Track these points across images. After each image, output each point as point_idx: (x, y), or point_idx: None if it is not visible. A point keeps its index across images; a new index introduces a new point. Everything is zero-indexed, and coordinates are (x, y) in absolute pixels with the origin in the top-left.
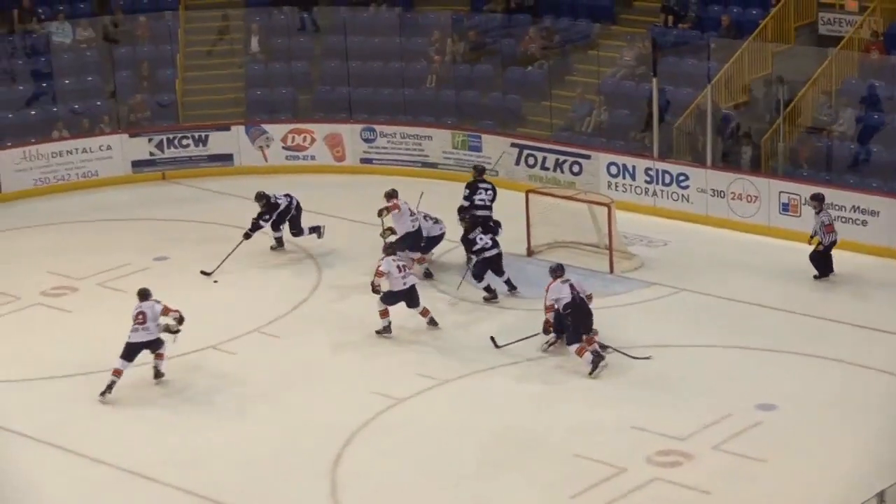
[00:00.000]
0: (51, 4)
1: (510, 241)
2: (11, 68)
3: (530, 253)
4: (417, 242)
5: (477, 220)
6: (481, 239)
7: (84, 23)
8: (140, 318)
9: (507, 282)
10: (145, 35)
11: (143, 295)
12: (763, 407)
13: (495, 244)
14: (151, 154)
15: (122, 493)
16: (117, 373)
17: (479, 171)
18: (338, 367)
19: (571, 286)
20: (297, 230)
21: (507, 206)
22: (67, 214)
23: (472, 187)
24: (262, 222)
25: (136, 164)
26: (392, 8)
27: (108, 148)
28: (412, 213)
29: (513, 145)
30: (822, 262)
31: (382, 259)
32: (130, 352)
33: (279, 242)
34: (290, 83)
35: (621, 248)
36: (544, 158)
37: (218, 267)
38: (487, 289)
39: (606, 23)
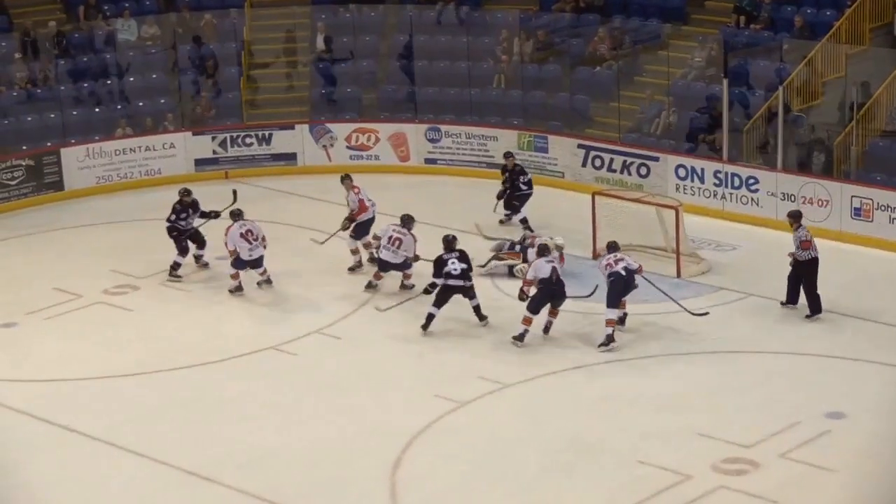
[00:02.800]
0: (116, 2)
1: (575, 243)
2: (76, 66)
3: (596, 256)
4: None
5: (452, 242)
6: (453, 263)
7: (150, 20)
8: (396, 244)
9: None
10: (211, 33)
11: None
12: (832, 415)
13: (464, 276)
14: (215, 152)
15: (181, 493)
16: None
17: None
18: (399, 369)
19: (553, 268)
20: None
21: (572, 209)
22: (130, 213)
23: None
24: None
25: (199, 163)
26: (459, 6)
27: (172, 146)
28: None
29: (580, 146)
30: (795, 285)
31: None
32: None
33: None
34: (355, 82)
35: (689, 252)
36: (611, 160)
37: (329, 238)
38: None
39: (677, 23)
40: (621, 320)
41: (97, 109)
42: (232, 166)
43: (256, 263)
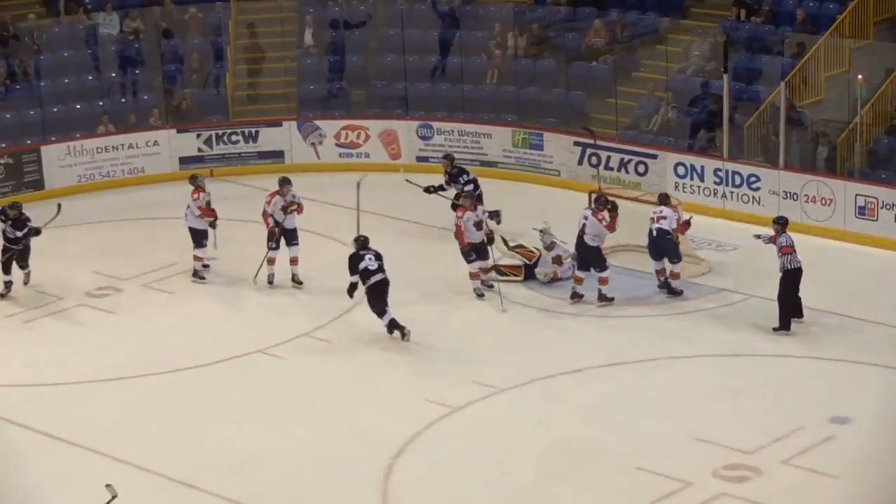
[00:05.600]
0: None
1: (573, 242)
2: (56, 61)
3: None
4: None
5: (366, 241)
6: (369, 259)
7: (133, 13)
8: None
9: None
10: (195, 27)
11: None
12: (836, 420)
13: (381, 269)
14: (200, 150)
15: (166, 500)
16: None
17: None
18: (390, 373)
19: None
20: None
21: (569, 207)
22: (112, 212)
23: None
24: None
25: (184, 161)
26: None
27: (156, 144)
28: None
29: (576, 144)
30: (788, 303)
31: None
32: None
33: None
34: (345, 77)
35: (689, 253)
36: (608, 158)
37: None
38: (391, 324)
39: (676, 17)
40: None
41: (78, 106)
42: (217, 164)
43: None
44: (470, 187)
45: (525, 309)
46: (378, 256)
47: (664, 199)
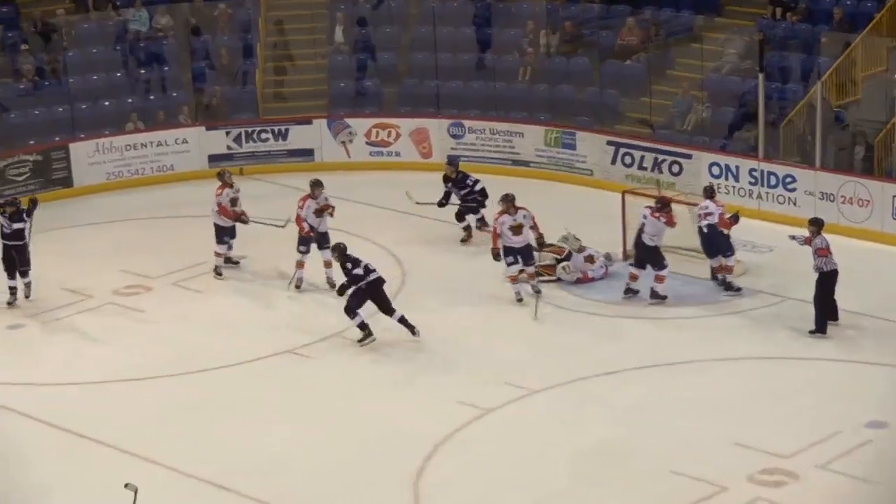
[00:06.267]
0: None
1: (605, 243)
2: (85, 57)
3: (627, 257)
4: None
5: (346, 253)
6: (356, 264)
7: (162, 10)
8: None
9: (403, 320)
10: (225, 24)
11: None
12: (873, 425)
13: (372, 270)
14: (229, 148)
15: (195, 501)
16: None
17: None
18: (422, 374)
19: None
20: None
21: (601, 207)
22: (141, 210)
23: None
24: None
25: (213, 159)
26: None
27: (185, 141)
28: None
29: (609, 143)
30: (824, 305)
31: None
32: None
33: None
34: (376, 75)
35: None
36: (642, 157)
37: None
38: (362, 325)
39: (711, 14)
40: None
41: (107, 103)
42: (247, 162)
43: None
44: (479, 186)
45: (559, 310)
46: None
47: (710, 193)
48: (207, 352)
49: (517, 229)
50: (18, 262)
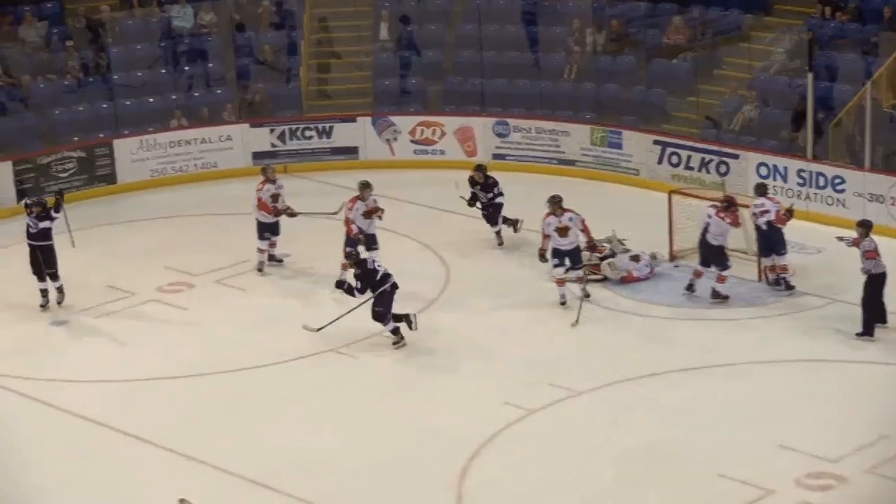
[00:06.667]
0: None
1: (652, 243)
2: (129, 54)
3: (673, 257)
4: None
5: (360, 258)
6: (380, 266)
7: (206, 6)
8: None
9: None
10: (269, 20)
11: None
12: None
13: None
14: (273, 145)
15: (238, 500)
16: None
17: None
18: (466, 375)
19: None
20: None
21: (647, 208)
22: (185, 207)
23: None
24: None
25: (257, 156)
26: None
27: (229, 138)
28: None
29: (655, 143)
30: (872, 308)
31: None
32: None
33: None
34: (420, 73)
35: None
36: (689, 157)
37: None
38: (394, 330)
39: (759, 13)
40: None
41: (151, 100)
42: (291, 160)
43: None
44: (501, 199)
45: (604, 311)
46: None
47: (762, 191)
48: (249, 350)
49: (563, 231)
50: (45, 264)
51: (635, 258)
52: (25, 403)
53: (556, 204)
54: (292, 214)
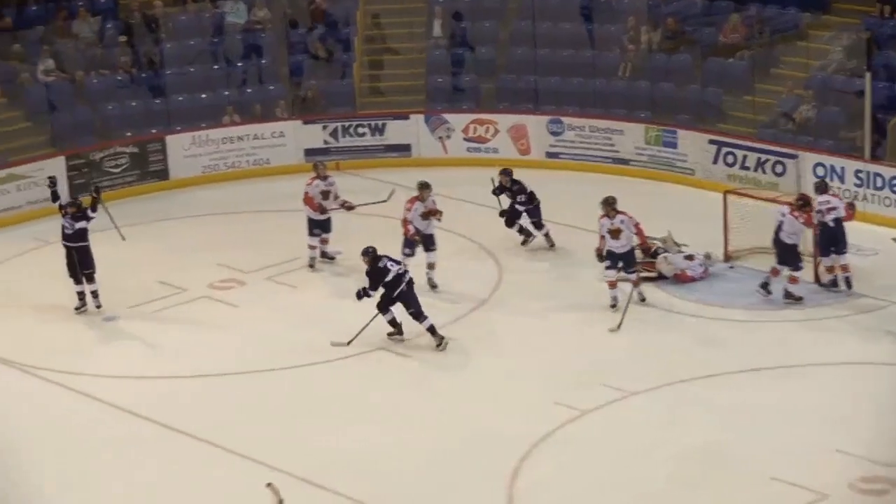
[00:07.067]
0: None
1: (706, 243)
2: (182, 49)
3: (728, 258)
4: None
5: (376, 255)
6: (393, 265)
7: (259, 2)
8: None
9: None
10: (322, 17)
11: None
12: None
13: (406, 270)
14: (325, 142)
15: (289, 498)
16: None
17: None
18: (518, 374)
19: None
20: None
21: (703, 208)
22: (237, 204)
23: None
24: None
25: (310, 153)
26: None
27: (281, 135)
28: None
29: (711, 142)
30: None
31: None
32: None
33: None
34: (474, 70)
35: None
36: (745, 157)
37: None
38: (392, 322)
39: (817, 12)
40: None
41: (203, 95)
42: (343, 157)
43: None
44: (521, 208)
45: (657, 311)
46: (395, 260)
47: (825, 188)
48: (300, 347)
49: (615, 233)
50: (81, 265)
51: (689, 258)
52: (75, 398)
53: (609, 205)
54: (350, 207)
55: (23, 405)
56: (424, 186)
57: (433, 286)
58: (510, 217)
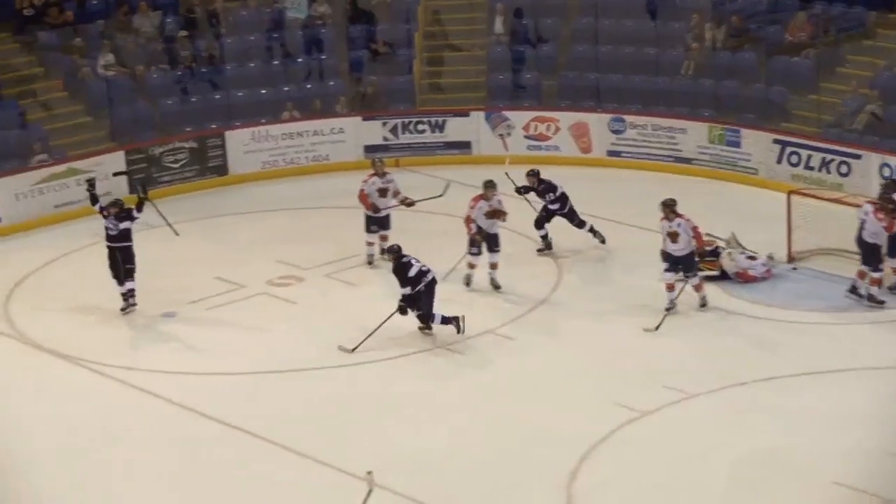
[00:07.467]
0: None
1: (769, 244)
2: (242, 44)
3: (791, 259)
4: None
5: (400, 253)
6: (416, 262)
7: None
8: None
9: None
10: (384, 12)
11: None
12: None
13: (427, 270)
14: (385, 139)
15: (347, 497)
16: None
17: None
18: (577, 374)
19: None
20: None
21: (766, 207)
22: (296, 200)
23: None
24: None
25: (369, 149)
26: None
27: (341, 131)
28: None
29: (775, 142)
30: None
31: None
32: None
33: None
34: (535, 67)
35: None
36: (809, 157)
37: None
38: (444, 320)
39: (884, 10)
40: None
41: (263, 91)
42: (402, 154)
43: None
44: (556, 206)
45: (720, 313)
46: (417, 259)
47: (894, 188)
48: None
49: (673, 236)
50: (123, 260)
51: (752, 258)
52: (131, 394)
53: (667, 208)
54: (410, 204)
55: (81, 402)
56: (489, 185)
57: (496, 287)
58: (540, 219)
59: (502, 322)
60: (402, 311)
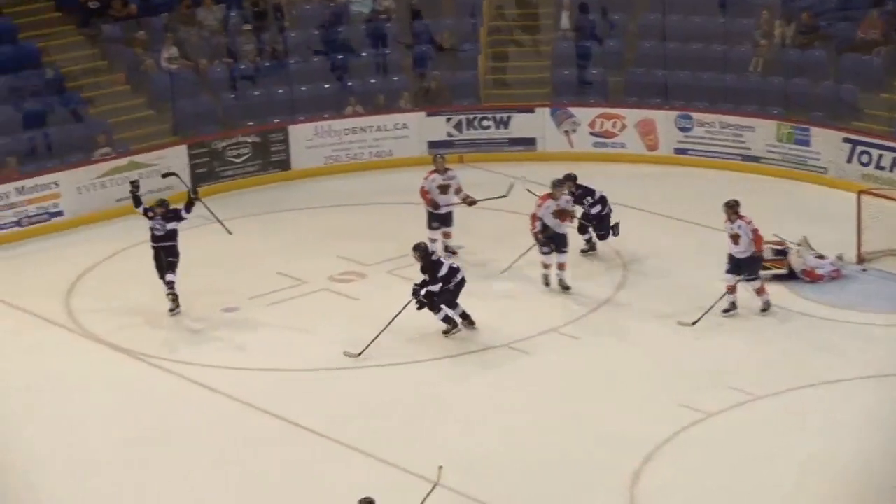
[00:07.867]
0: None
1: (838, 244)
2: (307, 40)
3: (860, 260)
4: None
5: (427, 250)
6: (445, 260)
7: None
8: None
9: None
10: (448, 7)
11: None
12: None
13: (459, 268)
14: (449, 135)
15: (406, 495)
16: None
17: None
18: (640, 375)
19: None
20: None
21: (836, 207)
22: (359, 195)
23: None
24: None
25: (433, 145)
26: None
27: (404, 126)
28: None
29: (845, 140)
30: None
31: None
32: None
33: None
34: (602, 63)
35: None
36: (880, 156)
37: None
38: (446, 319)
39: None
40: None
41: (327, 86)
42: (466, 150)
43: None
44: (597, 209)
45: (787, 313)
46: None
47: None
48: (418, 343)
49: (734, 238)
50: (166, 254)
51: (820, 257)
52: (192, 389)
53: (729, 209)
54: (471, 202)
55: (141, 397)
56: (558, 185)
57: (565, 288)
58: (582, 224)
59: (566, 322)
60: (420, 305)
